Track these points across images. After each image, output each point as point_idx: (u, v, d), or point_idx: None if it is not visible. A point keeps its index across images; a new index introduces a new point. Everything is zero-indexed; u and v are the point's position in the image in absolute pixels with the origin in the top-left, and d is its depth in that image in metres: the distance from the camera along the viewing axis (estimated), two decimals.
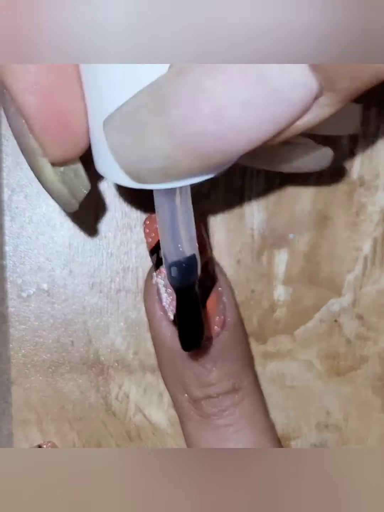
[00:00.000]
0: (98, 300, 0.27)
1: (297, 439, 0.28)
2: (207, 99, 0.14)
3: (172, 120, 0.14)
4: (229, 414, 0.24)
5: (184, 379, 0.24)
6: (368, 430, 0.28)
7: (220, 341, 0.24)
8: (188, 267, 0.19)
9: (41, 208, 0.27)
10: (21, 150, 0.19)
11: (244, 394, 0.25)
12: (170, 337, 0.24)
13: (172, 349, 0.24)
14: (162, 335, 0.24)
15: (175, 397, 0.25)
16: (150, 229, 0.24)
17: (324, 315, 0.28)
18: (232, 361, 0.24)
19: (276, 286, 0.27)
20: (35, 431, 0.27)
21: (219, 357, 0.24)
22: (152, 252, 0.24)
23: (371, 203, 0.27)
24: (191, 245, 0.19)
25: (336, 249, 0.27)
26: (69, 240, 0.27)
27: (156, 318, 0.24)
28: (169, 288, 0.24)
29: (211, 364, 0.24)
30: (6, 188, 0.26)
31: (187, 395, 0.25)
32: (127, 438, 0.28)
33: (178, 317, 0.21)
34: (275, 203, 0.27)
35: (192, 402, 0.25)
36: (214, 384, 0.24)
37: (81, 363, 0.27)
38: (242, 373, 0.25)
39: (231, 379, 0.24)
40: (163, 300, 0.24)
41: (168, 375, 0.25)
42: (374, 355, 0.28)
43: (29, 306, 0.27)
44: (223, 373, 0.24)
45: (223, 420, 0.24)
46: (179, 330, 0.21)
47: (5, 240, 0.27)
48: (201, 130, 0.14)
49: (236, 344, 0.25)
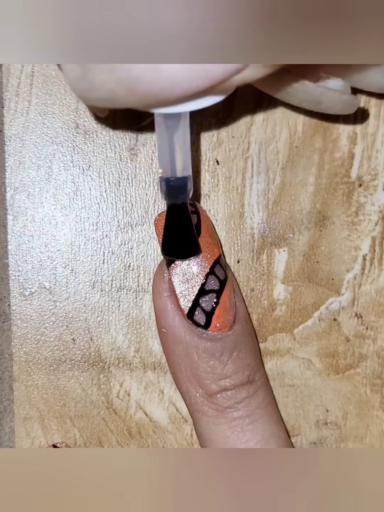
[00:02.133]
0: (100, 298, 0.27)
1: (296, 437, 0.28)
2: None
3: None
4: (245, 406, 0.25)
5: (199, 373, 0.24)
6: (367, 428, 0.28)
7: (234, 333, 0.24)
8: (177, 186, 0.22)
9: (43, 207, 0.27)
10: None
11: (258, 385, 0.25)
12: (185, 331, 0.24)
13: (188, 343, 0.24)
14: (176, 330, 0.24)
15: (189, 394, 0.25)
16: (161, 227, 0.24)
17: (323, 314, 0.28)
18: (246, 353, 0.25)
19: (276, 285, 0.28)
20: (37, 428, 0.27)
21: (234, 349, 0.24)
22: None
23: (370, 202, 0.27)
24: (184, 167, 0.21)
25: (335, 249, 0.28)
26: (71, 238, 0.27)
27: (169, 314, 0.24)
28: (185, 281, 0.24)
29: (227, 357, 0.24)
30: (9, 187, 0.27)
31: (201, 390, 0.25)
32: (128, 436, 0.28)
33: (165, 229, 0.23)
34: (275, 203, 0.27)
35: (207, 397, 0.25)
36: (230, 376, 0.24)
37: (83, 361, 0.27)
38: (255, 365, 0.25)
39: (246, 371, 0.25)
40: (177, 294, 0.24)
41: (181, 372, 0.25)
42: (373, 354, 0.28)
43: (31, 304, 0.27)
44: (238, 365, 0.24)
45: (239, 412, 0.25)
46: (164, 238, 0.23)
47: (8, 238, 0.27)
48: (140, 75, 0.16)
49: (248, 337, 0.25)
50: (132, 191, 0.27)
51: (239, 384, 0.24)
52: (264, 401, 0.25)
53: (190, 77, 0.16)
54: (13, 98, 0.26)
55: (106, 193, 0.27)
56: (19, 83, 0.26)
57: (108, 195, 0.27)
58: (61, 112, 0.26)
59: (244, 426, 0.25)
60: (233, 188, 0.27)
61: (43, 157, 0.27)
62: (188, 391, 0.25)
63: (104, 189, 0.27)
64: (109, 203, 0.27)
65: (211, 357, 0.24)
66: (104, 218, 0.27)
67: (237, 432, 0.25)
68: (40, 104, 0.26)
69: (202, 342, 0.24)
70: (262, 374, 0.26)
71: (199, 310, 0.24)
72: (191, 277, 0.24)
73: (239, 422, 0.25)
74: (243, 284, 0.27)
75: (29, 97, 0.26)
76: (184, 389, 0.25)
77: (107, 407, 0.28)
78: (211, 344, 0.24)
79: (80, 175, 0.27)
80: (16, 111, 0.26)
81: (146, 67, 0.16)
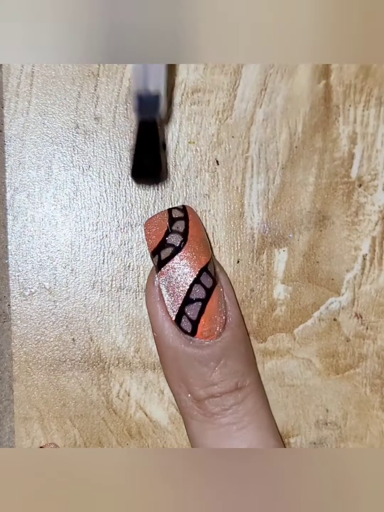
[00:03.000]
0: (100, 298, 0.27)
1: (296, 437, 0.28)
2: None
3: None
4: (232, 413, 0.25)
5: (187, 378, 0.24)
6: (367, 428, 0.28)
7: (222, 340, 0.24)
8: (147, 102, 0.21)
9: (43, 207, 0.27)
10: None
11: (247, 392, 0.25)
12: (173, 337, 0.24)
13: (176, 349, 0.24)
14: (165, 335, 0.25)
15: (179, 397, 0.25)
16: (151, 232, 0.24)
17: (323, 314, 0.28)
18: (235, 360, 0.25)
19: (276, 285, 0.28)
20: (36, 428, 0.27)
21: (222, 356, 0.24)
22: (153, 253, 0.25)
23: (370, 203, 0.27)
24: (157, 83, 0.21)
25: (335, 249, 0.28)
26: (71, 239, 0.27)
27: (159, 319, 0.25)
28: (171, 289, 0.24)
29: (214, 364, 0.24)
30: (9, 187, 0.27)
31: (190, 395, 0.25)
32: (127, 436, 0.28)
33: (134, 146, 0.22)
34: (275, 203, 0.27)
35: (195, 402, 0.25)
36: (218, 384, 0.24)
37: (83, 361, 0.27)
38: (245, 372, 0.25)
39: (234, 378, 0.24)
40: (165, 301, 0.24)
41: (172, 375, 0.25)
42: (373, 354, 0.28)
43: (31, 304, 0.27)
44: (226, 372, 0.24)
45: (227, 418, 0.25)
46: (133, 157, 0.22)
47: (8, 238, 0.27)
48: None
49: (238, 343, 0.25)
50: (132, 191, 0.27)
51: (226, 391, 0.24)
52: (254, 408, 0.25)
53: None
54: (13, 98, 0.26)
55: (106, 193, 0.27)
56: (19, 83, 0.26)
57: (108, 195, 0.27)
58: (61, 112, 0.26)
59: (232, 433, 0.24)
60: (233, 188, 0.27)
61: (43, 157, 0.27)
62: (178, 394, 0.25)
63: (104, 189, 0.27)
64: (109, 203, 0.27)
65: (199, 364, 0.24)
66: (104, 218, 0.27)
67: (225, 438, 0.24)
68: (40, 104, 0.26)
69: (189, 349, 0.24)
70: (253, 379, 0.25)
71: (185, 318, 0.24)
72: (176, 286, 0.24)
73: (227, 428, 0.24)
74: (243, 284, 0.27)
75: (29, 97, 0.26)
76: (175, 392, 0.26)
77: (107, 407, 0.28)
78: (198, 351, 0.24)
79: (80, 175, 0.27)
80: (16, 111, 0.26)
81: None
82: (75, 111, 0.26)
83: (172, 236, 0.24)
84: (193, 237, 0.24)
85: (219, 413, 0.25)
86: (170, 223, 0.24)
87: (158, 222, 0.24)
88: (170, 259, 0.24)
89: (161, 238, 0.24)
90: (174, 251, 0.24)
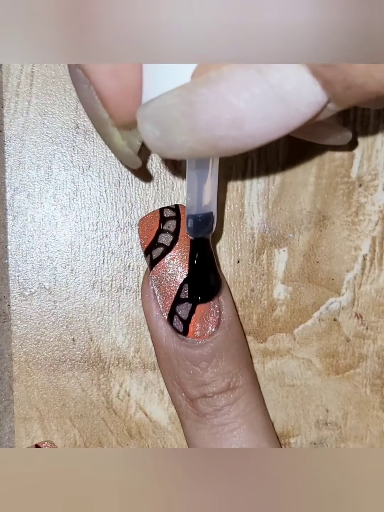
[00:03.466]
0: (100, 298, 0.27)
1: (296, 437, 0.28)
2: (231, 111, 0.16)
3: (198, 124, 0.17)
4: (224, 414, 0.24)
5: (180, 378, 0.25)
6: (367, 428, 0.28)
7: (214, 340, 0.24)
8: (202, 224, 0.22)
9: (43, 207, 0.27)
10: (93, 122, 0.21)
11: (240, 393, 0.25)
12: (166, 337, 0.24)
13: (168, 348, 0.24)
14: (159, 334, 0.25)
15: (174, 396, 0.25)
16: (143, 231, 0.25)
17: (323, 314, 0.28)
18: (227, 360, 0.24)
19: (276, 285, 0.28)
20: (36, 428, 0.27)
21: (213, 356, 0.24)
22: (145, 253, 0.25)
23: (370, 203, 0.27)
24: (211, 205, 0.22)
25: (335, 249, 0.28)
26: (70, 239, 0.27)
27: (153, 318, 0.25)
28: (162, 289, 0.24)
29: (206, 363, 0.24)
30: (9, 187, 0.27)
31: (184, 394, 0.25)
32: (127, 436, 0.28)
33: (190, 269, 0.24)
34: (275, 203, 0.27)
35: (189, 401, 0.25)
36: (209, 383, 0.24)
37: (83, 361, 0.27)
38: (238, 372, 0.25)
39: (226, 378, 0.24)
40: (157, 300, 0.24)
41: (166, 374, 0.25)
42: (373, 354, 0.28)
43: (31, 304, 0.27)
44: (218, 372, 0.24)
45: (219, 419, 0.25)
46: (190, 281, 0.24)
47: (8, 238, 0.27)
48: (223, 134, 0.17)
49: (231, 343, 0.25)
50: (132, 191, 0.27)
51: (218, 392, 0.24)
52: (246, 409, 0.25)
53: (270, 129, 0.17)
54: (13, 98, 0.26)
55: (106, 193, 0.27)
56: (19, 83, 0.26)
57: (108, 195, 0.27)
58: (61, 112, 0.26)
59: (223, 434, 0.24)
60: (233, 188, 0.27)
61: (43, 157, 0.27)
62: (173, 393, 0.25)
63: (104, 189, 0.27)
64: (109, 203, 0.27)
65: (191, 364, 0.24)
66: (104, 218, 0.27)
67: (216, 439, 0.24)
68: (40, 104, 0.26)
69: (182, 348, 0.24)
70: (246, 380, 0.25)
71: (176, 318, 0.24)
72: (167, 285, 0.24)
73: (218, 429, 0.24)
74: (243, 284, 0.27)
75: (29, 97, 0.26)
76: (170, 391, 0.26)
77: (107, 407, 0.28)
78: (190, 351, 0.24)
79: (80, 175, 0.27)
80: (16, 111, 0.26)
81: (229, 126, 0.16)
82: (75, 111, 0.26)
83: (163, 236, 0.24)
84: (184, 237, 0.24)
85: (211, 414, 0.25)
86: (161, 222, 0.24)
87: (150, 222, 0.25)
88: (161, 258, 0.24)
89: (152, 237, 0.24)
90: (165, 250, 0.24)
